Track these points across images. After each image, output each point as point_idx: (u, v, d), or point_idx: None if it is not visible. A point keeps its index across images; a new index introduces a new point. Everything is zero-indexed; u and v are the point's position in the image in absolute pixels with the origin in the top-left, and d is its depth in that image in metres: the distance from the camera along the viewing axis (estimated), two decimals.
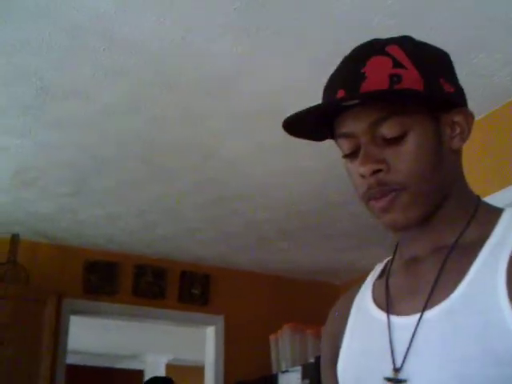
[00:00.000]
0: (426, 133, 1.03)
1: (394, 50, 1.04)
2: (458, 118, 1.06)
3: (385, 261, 1.20)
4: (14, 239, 5.09)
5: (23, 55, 2.93)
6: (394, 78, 1.01)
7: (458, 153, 1.08)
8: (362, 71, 1.03)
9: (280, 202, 4.52)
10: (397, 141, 1.02)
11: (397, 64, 1.02)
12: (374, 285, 1.15)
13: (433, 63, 1.05)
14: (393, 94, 1.02)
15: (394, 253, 1.15)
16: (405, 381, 0.97)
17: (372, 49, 1.06)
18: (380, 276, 1.16)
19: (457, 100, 1.06)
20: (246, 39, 2.81)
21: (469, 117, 1.07)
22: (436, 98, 1.04)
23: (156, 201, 4.53)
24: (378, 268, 1.18)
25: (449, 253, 1.03)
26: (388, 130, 1.02)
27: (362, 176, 1.03)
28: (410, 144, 1.02)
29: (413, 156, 1.02)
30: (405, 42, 1.07)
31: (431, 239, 1.06)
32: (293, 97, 3.20)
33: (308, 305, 6.00)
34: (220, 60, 2.96)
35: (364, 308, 1.12)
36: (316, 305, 5.96)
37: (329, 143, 1.18)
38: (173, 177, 4.17)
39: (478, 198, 1.11)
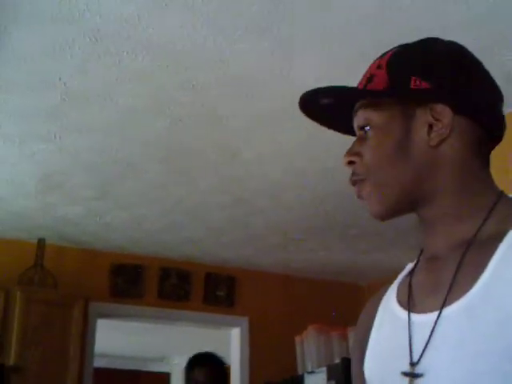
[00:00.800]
0: (390, 128, 1.08)
1: (388, 53, 1.12)
2: (428, 114, 1.07)
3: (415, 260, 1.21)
4: (41, 244, 5.14)
5: (48, 61, 2.97)
6: (370, 79, 1.11)
7: (453, 149, 1.07)
8: (365, 72, 1.14)
9: (304, 202, 4.52)
10: (366, 135, 1.10)
11: (378, 66, 1.11)
12: (400, 284, 1.16)
13: (410, 62, 1.09)
14: (346, 93, 1.13)
15: (421, 251, 1.16)
16: (421, 375, 0.98)
17: (386, 51, 1.14)
18: (406, 275, 1.16)
19: (425, 96, 1.06)
20: (269, 39, 2.82)
21: (438, 114, 1.06)
22: (393, 95, 1.08)
23: (180, 202, 4.55)
24: (408, 267, 1.19)
25: (466, 249, 1.03)
26: (355, 122, 1.13)
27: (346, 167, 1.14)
28: (371, 138, 1.10)
29: (371, 149, 1.09)
30: (405, 45, 1.13)
31: (447, 236, 1.07)
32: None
33: (333, 306, 5.99)
34: (242, 61, 2.98)
35: (389, 307, 1.13)
36: (341, 305, 5.96)
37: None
38: (196, 178, 4.19)
39: (501, 192, 1.10)
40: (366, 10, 2.65)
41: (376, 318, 1.15)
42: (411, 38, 1.17)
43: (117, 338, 8.30)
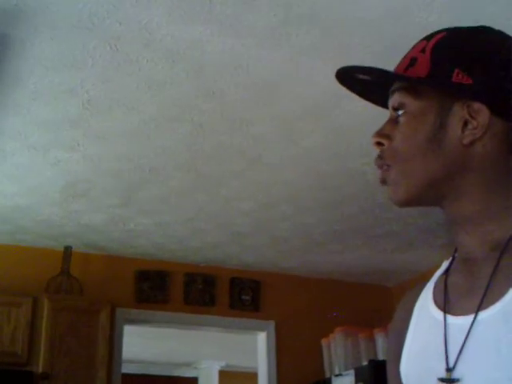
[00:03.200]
0: (425, 117, 1.06)
1: (436, 36, 1.09)
2: (465, 111, 1.04)
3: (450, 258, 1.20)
4: (67, 251, 5.18)
5: (69, 70, 2.99)
6: (412, 62, 1.08)
7: (485, 149, 1.05)
8: (408, 52, 1.11)
9: (327, 204, 4.51)
10: (398, 119, 1.09)
11: (423, 49, 1.08)
12: (436, 283, 1.14)
13: (456, 53, 1.06)
14: (383, 76, 1.10)
15: (455, 250, 1.14)
16: (458, 380, 0.97)
17: (430, 33, 1.11)
18: (442, 274, 1.15)
19: (465, 92, 1.04)
20: (288, 44, 2.82)
21: (475, 112, 1.04)
22: (433, 85, 1.06)
23: (203, 208, 4.56)
24: (444, 265, 1.17)
25: (502, 251, 1.01)
26: (391, 102, 1.11)
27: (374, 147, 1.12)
28: (404, 124, 1.08)
29: (403, 136, 1.08)
30: (454, 30, 1.10)
31: (481, 236, 1.05)
32: (336, 99, 3.20)
33: (360, 308, 5.97)
34: (262, 66, 2.98)
35: (425, 306, 1.12)
36: (368, 307, 5.94)
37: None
38: (219, 184, 4.20)
39: None
40: (384, 11, 2.64)
41: (412, 317, 1.13)
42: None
43: (144, 343, 8.35)
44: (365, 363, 4.88)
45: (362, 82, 1.14)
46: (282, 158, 3.88)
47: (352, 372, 4.93)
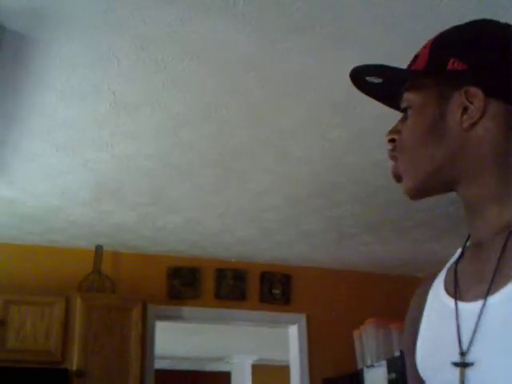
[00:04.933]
0: (426, 109, 1.10)
1: (440, 33, 1.14)
2: (463, 97, 1.07)
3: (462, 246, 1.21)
4: (98, 250, 5.23)
5: (95, 70, 3.02)
6: (415, 58, 1.14)
7: (486, 130, 1.07)
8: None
9: (356, 196, 4.50)
10: (407, 115, 1.14)
11: (425, 46, 1.13)
12: (448, 271, 1.16)
13: (452, 42, 1.11)
14: (384, 72, 1.15)
15: (468, 238, 1.16)
16: (471, 364, 0.98)
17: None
18: (454, 262, 1.16)
19: (460, 78, 1.07)
20: (313, 37, 2.81)
21: (470, 96, 1.06)
22: (428, 75, 1.11)
23: (232, 204, 4.58)
24: (456, 254, 1.18)
25: (509, 234, 1.02)
26: (401, 104, 1.15)
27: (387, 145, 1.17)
28: (409, 118, 1.13)
29: (408, 129, 1.12)
30: (456, 26, 1.14)
31: (491, 220, 1.07)
32: (361, 94, 3.19)
33: (391, 299, 5.95)
34: (287, 60, 2.98)
35: (437, 295, 1.13)
36: (399, 298, 5.91)
37: None
38: (248, 179, 4.21)
39: None
40: (420, 4, 2.63)
41: (425, 307, 1.15)
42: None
43: (177, 339, 8.40)
44: (397, 354, 4.87)
45: (376, 84, 1.18)
46: (309, 152, 3.87)
47: (384, 363, 4.92)
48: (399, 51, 2.80)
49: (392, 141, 1.15)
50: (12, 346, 4.66)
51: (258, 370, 10.31)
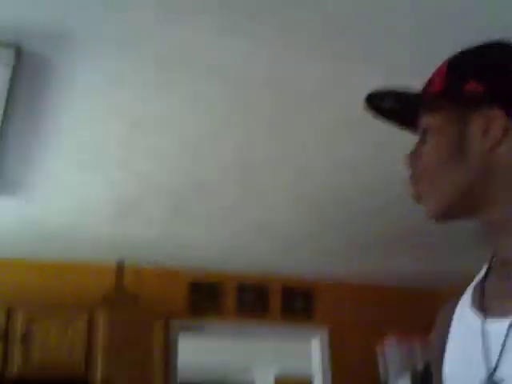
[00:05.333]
0: (445, 131, 1.09)
1: (449, 58, 1.13)
2: (482, 118, 1.06)
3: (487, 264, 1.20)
4: (121, 265, 5.27)
5: (114, 91, 3.05)
6: (430, 81, 1.13)
7: (510, 151, 1.05)
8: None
9: (376, 211, 4.49)
10: (425, 137, 1.12)
11: (440, 68, 1.12)
12: (474, 289, 1.15)
13: (468, 64, 1.09)
14: (401, 98, 1.13)
15: (492, 256, 1.15)
16: (501, 381, 0.98)
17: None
18: (480, 280, 1.15)
19: (479, 99, 1.06)
20: (329, 53, 2.82)
21: (491, 118, 1.05)
22: (445, 98, 1.09)
23: (252, 219, 4.59)
24: (482, 272, 1.17)
25: None
26: (419, 126, 1.14)
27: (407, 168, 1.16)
28: (428, 142, 1.11)
29: (428, 153, 1.11)
30: (472, 47, 1.12)
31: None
32: None
33: (412, 312, 5.93)
34: (302, 76, 2.99)
35: (464, 313, 1.12)
36: (421, 312, 5.88)
37: None
38: (267, 195, 4.22)
39: None
40: (430, 19, 2.62)
41: (452, 325, 1.14)
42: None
43: (199, 352, 8.41)
44: (420, 367, 4.85)
45: (391, 110, 1.17)
46: (326, 169, 3.88)
47: (408, 377, 4.90)
48: (416, 67, 2.81)
49: (410, 165, 1.14)
50: (36, 361, 4.70)
51: (281, 382, 10.28)
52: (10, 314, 4.74)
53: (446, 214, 1.11)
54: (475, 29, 2.61)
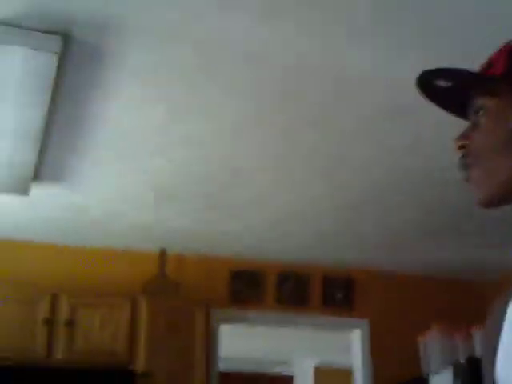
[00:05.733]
0: (504, 115, 1.05)
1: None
2: None
3: None
4: (162, 253, 5.30)
5: (156, 78, 3.08)
6: (490, 64, 1.09)
7: None
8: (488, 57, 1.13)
9: (415, 202, 4.46)
10: (479, 120, 1.09)
11: (500, 51, 1.09)
12: None
13: None
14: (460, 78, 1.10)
15: None
16: None
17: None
18: None
19: None
20: (373, 43, 2.80)
21: None
22: (506, 81, 1.05)
23: (291, 208, 4.59)
24: None
25: None
26: (471, 108, 1.11)
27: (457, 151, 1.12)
28: (484, 123, 1.08)
29: (483, 134, 1.07)
30: None
31: None
32: (417, 100, 3.15)
33: (455, 303, 5.88)
34: (343, 64, 2.97)
35: None
36: (463, 304, 5.84)
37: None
38: (305, 184, 4.21)
39: None
40: (470, 7, 2.59)
41: (507, 316, 1.10)
42: None
43: (240, 341, 8.43)
44: (462, 360, 4.79)
45: (442, 89, 1.14)
46: (366, 157, 3.86)
47: (450, 369, 4.85)
48: (456, 57, 2.77)
49: (462, 147, 1.11)
50: (80, 347, 4.76)
51: (321, 373, 10.26)
52: (54, 301, 4.81)
53: (496, 201, 1.09)
54: None
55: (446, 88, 1.14)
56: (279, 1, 2.57)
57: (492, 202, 1.09)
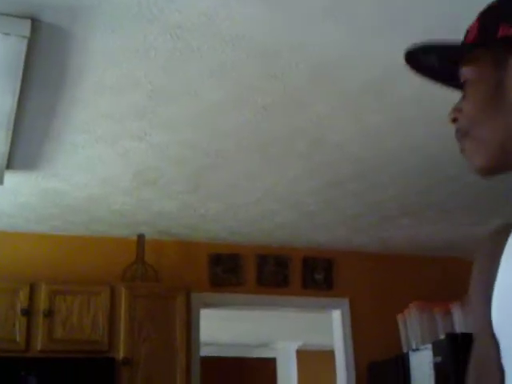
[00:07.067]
0: (481, 80, 1.07)
1: (488, 4, 1.11)
2: None
3: None
4: (141, 239, 5.28)
5: (132, 61, 3.04)
6: (465, 33, 1.11)
7: None
8: None
9: (395, 179, 4.47)
10: (464, 90, 1.10)
11: (474, 20, 1.10)
12: None
13: (500, 10, 1.07)
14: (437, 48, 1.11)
15: None
16: None
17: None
18: None
19: (511, 43, 1.03)
20: (348, 21, 2.79)
21: None
22: (479, 45, 1.07)
23: (271, 189, 4.58)
24: None
25: None
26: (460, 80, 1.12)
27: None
28: (467, 91, 1.09)
29: (468, 103, 1.09)
30: None
31: None
32: (397, 76, 3.16)
33: (434, 281, 5.93)
34: (322, 44, 2.96)
35: None
36: (443, 281, 5.88)
37: (441, 118, 1.20)
38: (286, 165, 4.21)
39: None
40: None
41: (505, 250, 1.08)
42: None
43: (221, 326, 8.45)
44: (442, 337, 4.83)
45: (432, 64, 1.15)
46: (347, 136, 3.85)
47: (429, 346, 4.89)
48: (436, 32, 2.77)
49: (455, 120, 1.12)
50: (59, 336, 4.74)
51: (303, 355, 10.34)
52: (32, 290, 4.78)
53: (492, 167, 1.08)
54: None
55: (436, 62, 1.14)
56: None
57: (488, 169, 1.08)
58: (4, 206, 4.72)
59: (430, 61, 1.13)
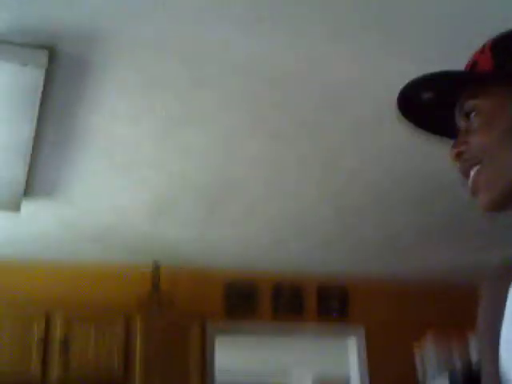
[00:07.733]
0: (497, 115, 1.03)
1: (492, 38, 1.08)
2: None
3: None
4: (156, 267, 5.27)
5: (148, 90, 3.08)
6: (474, 64, 1.07)
7: None
8: (468, 60, 1.11)
9: (410, 205, 4.45)
10: (471, 124, 1.06)
11: (481, 51, 1.07)
12: None
13: None
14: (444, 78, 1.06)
15: None
16: None
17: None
18: None
19: None
20: (358, 45, 2.81)
21: None
22: (499, 76, 1.04)
23: (285, 217, 4.58)
24: None
25: None
26: (459, 113, 1.09)
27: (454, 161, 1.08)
28: (479, 122, 1.05)
29: (480, 131, 1.04)
30: (509, 29, 1.08)
31: None
32: None
33: (451, 309, 5.87)
34: (332, 70, 2.98)
35: None
36: (459, 308, 5.82)
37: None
38: (298, 192, 4.21)
39: None
40: (456, 8, 2.60)
41: (507, 303, 1.04)
42: None
43: (236, 353, 8.40)
44: (458, 366, 4.79)
45: (425, 103, 1.12)
46: (360, 161, 3.86)
47: (446, 375, 4.84)
48: (445, 58, 2.78)
49: (459, 155, 1.07)
50: (75, 366, 4.72)
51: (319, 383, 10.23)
52: (48, 319, 4.77)
53: (499, 202, 1.04)
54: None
55: (428, 100, 1.11)
56: (265, 13, 2.58)
57: (497, 204, 1.04)
58: (20, 233, 4.74)
59: (427, 96, 1.10)
